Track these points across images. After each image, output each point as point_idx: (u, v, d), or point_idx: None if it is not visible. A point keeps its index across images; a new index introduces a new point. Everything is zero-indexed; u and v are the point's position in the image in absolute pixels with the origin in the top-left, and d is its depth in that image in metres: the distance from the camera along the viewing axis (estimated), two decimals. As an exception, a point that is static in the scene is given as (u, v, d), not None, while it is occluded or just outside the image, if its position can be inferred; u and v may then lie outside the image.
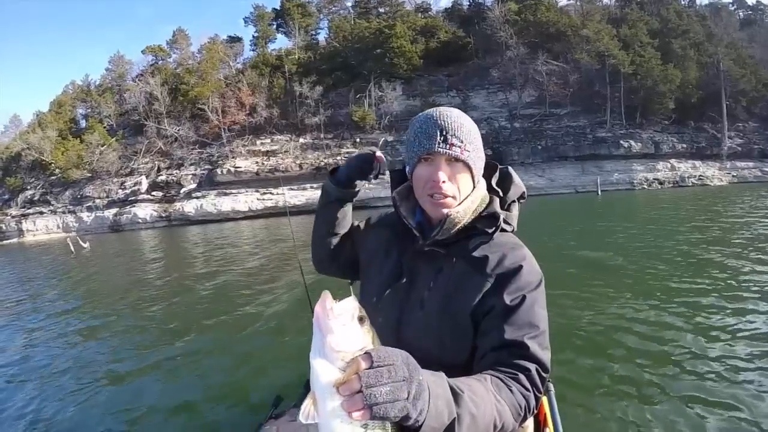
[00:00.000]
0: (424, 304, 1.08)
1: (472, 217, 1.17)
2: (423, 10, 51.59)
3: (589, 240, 10.09)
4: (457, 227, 1.15)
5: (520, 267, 1.12)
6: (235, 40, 53.26)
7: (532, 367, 1.01)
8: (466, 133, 1.11)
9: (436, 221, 1.17)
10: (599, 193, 31.99)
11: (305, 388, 1.35)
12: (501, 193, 1.23)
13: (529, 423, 1.39)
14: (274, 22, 53.20)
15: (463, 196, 1.13)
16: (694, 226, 10.92)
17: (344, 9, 54.98)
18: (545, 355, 1.05)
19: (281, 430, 1.04)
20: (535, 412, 1.01)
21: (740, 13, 52.81)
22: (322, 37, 53.07)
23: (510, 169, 1.28)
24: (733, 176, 36.64)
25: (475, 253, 1.14)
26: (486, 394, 0.89)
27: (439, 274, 1.16)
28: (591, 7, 44.55)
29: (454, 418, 0.77)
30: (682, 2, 46.55)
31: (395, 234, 1.28)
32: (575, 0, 47.92)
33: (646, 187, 35.77)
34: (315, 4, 54.63)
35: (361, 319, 0.71)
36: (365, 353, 0.67)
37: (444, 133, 1.09)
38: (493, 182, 1.23)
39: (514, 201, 1.26)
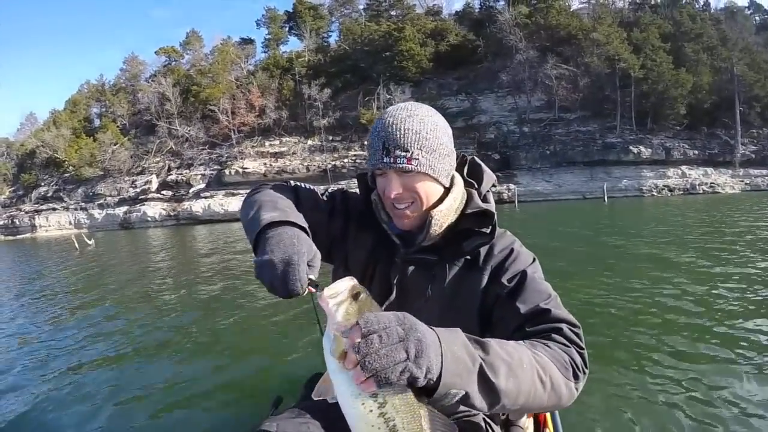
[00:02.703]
0: (420, 318, 0.97)
1: (456, 215, 1.10)
2: (433, 13, 51.58)
3: (587, 240, 10.00)
4: (443, 228, 1.09)
5: (512, 250, 1.12)
6: (247, 42, 53.97)
7: (562, 325, 0.98)
8: (412, 138, 0.99)
9: (414, 229, 1.10)
10: (606, 199, 31.60)
11: (306, 389, 1.35)
12: (476, 185, 1.15)
13: (529, 423, 1.38)
14: (286, 25, 53.68)
15: (429, 200, 1.05)
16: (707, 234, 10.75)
17: (356, 12, 55.26)
18: (568, 314, 1.02)
19: (280, 427, 1.04)
20: (587, 370, 0.95)
21: (756, 18, 51.75)
22: (333, 39, 53.46)
23: (476, 157, 1.20)
24: (746, 184, 35.85)
25: (467, 250, 1.10)
26: (518, 346, 0.86)
27: (433, 282, 1.11)
28: (603, 11, 44.07)
29: (481, 364, 0.75)
30: (697, 6, 45.83)
31: (376, 241, 1.18)
32: (588, 3, 47.62)
33: (655, 194, 35.16)
34: (327, 7, 55.04)
35: (355, 295, 0.73)
36: (354, 324, 0.68)
37: (386, 146, 0.99)
38: (465, 174, 1.16)
39: (488, 190, 1.17)
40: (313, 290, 0.86)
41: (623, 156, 36.29)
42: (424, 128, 1.01)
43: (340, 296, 0.72)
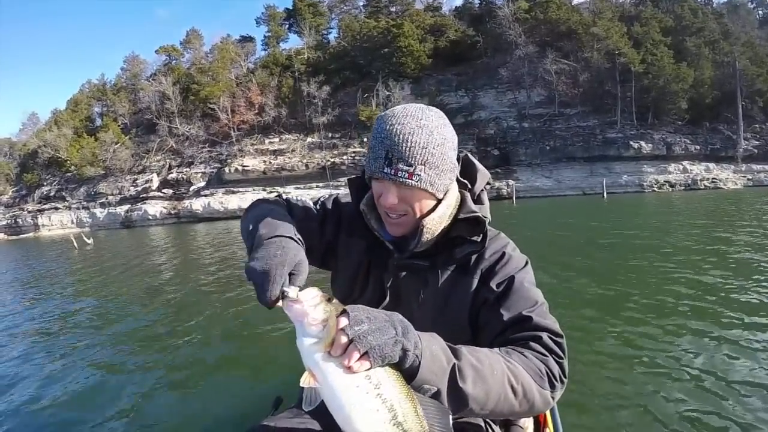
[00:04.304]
0: (414, 322, 0.87)
1: (449, 221, 1.08)
2: (433, 9, 51.38)
3: (583, 242, 9.95)
4: (435, 235, 1.07)
5: (503, 254, 1.10)
6: (247, 39, 53.99)
7: (542, 334, 0.97)
8: (417, 151, 0.95)
9: (407, 235, 1.09)
10: (605, 195, 31.40)
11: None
12: (469, 185, 1.13)
13: (529, 423, 1.38)
14: (286, 22, 53.66)
15: (422, 213, 1.03)
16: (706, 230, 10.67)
17: (356, 8, 55.16)
18: (552, 323, 1.01)
19: (279, 424, 1.06)
20: (565, 380, 0.95)
21: (759, 12, 51.30)
22: (332, 36, 53.42)
23: (469, 155, 1.16)
24: (748, 179, 35.45)
25: (458, 257, 1.09)
26: (491, 354, 0.87)
27: (425, 287, 1.10)
28: (603, 5, 43.72)
29: (454, 365, 0.78)
30: (699, 0, 45.37)
31: (368, 246, 1.17)
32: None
33: (656, 189, 34.93)
34: (326, 4, 54.97)
35: (328, 299, 0.76)
36: (342, 311, 0.72)
37: (389, 156, 0.95)
38: (458, 174, 1.11)
39: (482, 190, 1.15)
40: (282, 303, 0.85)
41: (624, 151, 36.06)
42: (432, 142, 0.96)
43: (314, 299, 0.75)
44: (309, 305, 0.74)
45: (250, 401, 3.13)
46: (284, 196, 1.28)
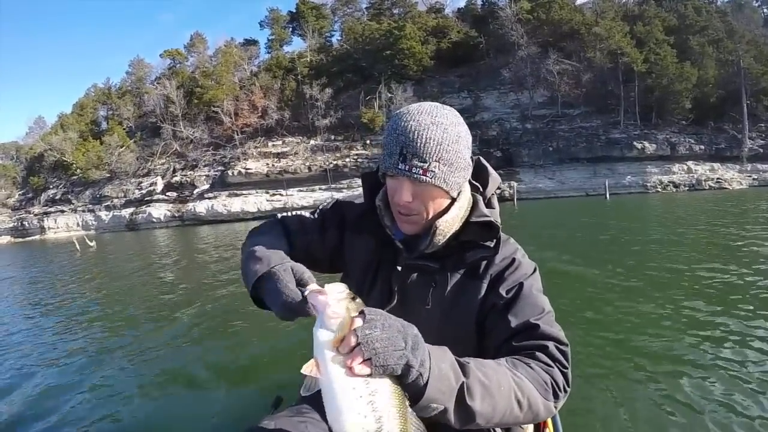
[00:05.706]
0: (421, 324, 0.86)
1: (461, 223, 1.08)
2: (435, 10, 51.38)
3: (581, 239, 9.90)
4: (447, 238, 1.07)
5: (513, 260, 1.10)
6: (250, 43, 54.24)
7: (549, 343, 0.98)
8: (432, 147, 0.94)
9: (419, 233, 1.09)
10: (608, 196, 31.17)
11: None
12: (481, 189, 1.13)
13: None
14: (289, 26, 53.88)
15: (435, 212, 1.04)
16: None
17: (358, 11, 55.26)
18: (558, 331, 1.01)
19: (278, 425, 1.06)
20: (569, 389, 0.97)
21: (764, 10, 50.88)
22: (335, 39, 53.55)
23: (481, 159, 1.15)
24: (753, 179, 35.11)
25: (469, 261, 1.09)
26: (498, 367, 0.88)
27: (434, 289, 1.10)
28: (606, 5, 43.53)
29: (463, 383, 0.78)
30: (703, -2, 45.09)
31: (378, 245, 1.17)
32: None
33: (660, 190, 34.63)
34: (329, 7, 55.12)
35: (353, 297, 0.78)
36: (359, 311, 0.73)
37: (403, 152, 0.95)
38: (470, 177, 1.10)
39: (493, 194, 1.15)
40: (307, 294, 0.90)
41: (627, 152, 35.82)
42: (447, 139, 0.96)
43: (340, 294, 0.77)
44: (333, 298, 0.76)
45: (250, 400, 3.14)
46: (279, 216, 1.29)
